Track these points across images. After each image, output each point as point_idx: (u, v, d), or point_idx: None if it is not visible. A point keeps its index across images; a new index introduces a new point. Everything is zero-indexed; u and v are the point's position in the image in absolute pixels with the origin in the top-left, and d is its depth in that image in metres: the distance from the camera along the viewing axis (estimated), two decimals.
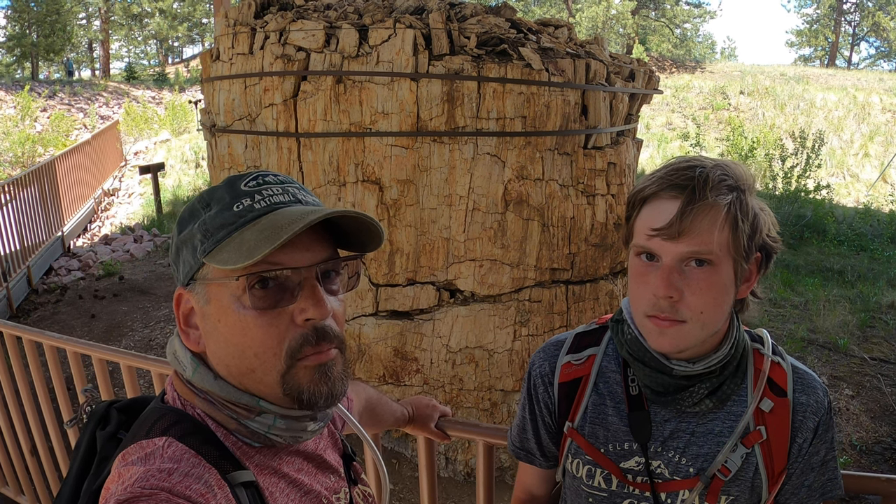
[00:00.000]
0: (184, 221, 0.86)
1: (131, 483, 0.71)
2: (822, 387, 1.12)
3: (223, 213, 0.82)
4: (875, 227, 10.47)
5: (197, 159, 14.23)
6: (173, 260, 0.88)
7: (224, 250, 0.80)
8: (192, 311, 0.86)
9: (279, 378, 0.81)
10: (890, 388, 5.10)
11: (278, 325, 0.80)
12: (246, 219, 0.82)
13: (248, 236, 0.79)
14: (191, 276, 0.84)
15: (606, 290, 3.87)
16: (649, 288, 1.02)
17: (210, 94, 4.16)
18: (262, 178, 0.86)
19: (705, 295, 1.00)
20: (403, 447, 4.03)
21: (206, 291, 0.83)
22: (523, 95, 3.42)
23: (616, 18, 32.36)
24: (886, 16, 36.40)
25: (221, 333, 0.82)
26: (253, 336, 0.80)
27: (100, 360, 2.53)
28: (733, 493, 1.08)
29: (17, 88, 19.85)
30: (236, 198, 0.83)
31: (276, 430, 0.85)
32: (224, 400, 0.84)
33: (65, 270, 8.20)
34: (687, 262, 1.00)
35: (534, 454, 1.28)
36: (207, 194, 0.86)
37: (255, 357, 0.81)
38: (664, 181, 1.02)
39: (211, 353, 0.85)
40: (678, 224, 0.98)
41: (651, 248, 1.02)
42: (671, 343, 1.03)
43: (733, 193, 1.00)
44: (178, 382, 0.88)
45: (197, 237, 0.83)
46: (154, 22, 37.39)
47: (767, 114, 17.96)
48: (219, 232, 0.81)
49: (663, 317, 1.01)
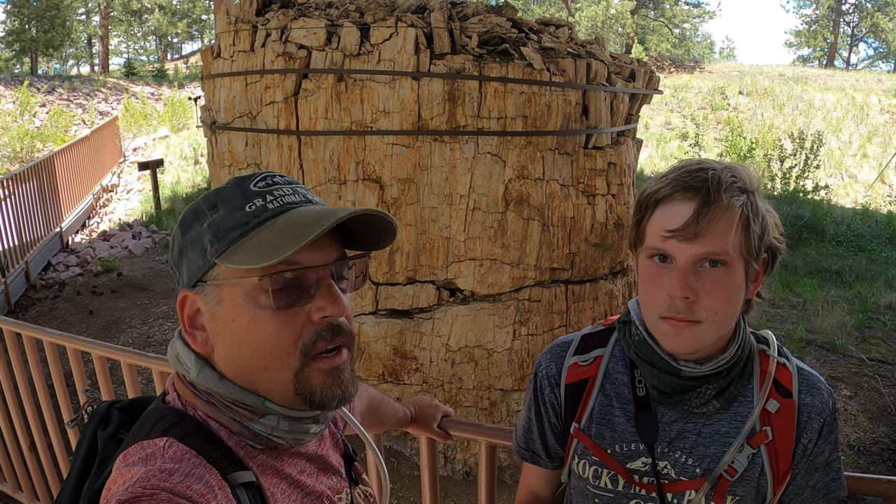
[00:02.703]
0: (187, 223, 0.85)
1: (132, 483, 0.71)
2: (826, 388, 1.12)
3: (235, 213, 0.82)
4: (873, 228, 10.48)
5: (196, 156, 14.21)
6: (174, 262, 0.87)
7: (240, 250, 0.80)
8: (199, 313, 0.85)
9: (292, 376, 0.82)
10: (888, 388, 5.11)
11: (294, 323, 0.81)
12: (260, 219, 0.82)
13: (267, 236, 0.79)
14: (198, 278, 0.83)
15: (606, 289, 3.88)
16: (664, 289, 1.02)
17: (211, 90, 4.15)
18: (270, 179, 0.86)
19: (720, 295, 1.01)
20: (402, 446, 4.03)
21: (218, 292, 0.82)
22: (524, 95, 3.42)
23: (615, 18, 32.36)
24: (885, 17, 36.45)
25: (235, 333, 0.82)
26: (269, 334, 0.80)
27: (100, 358, 2.52)
28: (739, 494, 1.08)
29: (16, 83, 19.80)
30: (247, 198, 0.83)
31: (280, 431, 0.85)
32: (228, 401, 0.84)
33: (63, 266, 8.18)
34: (701, 263, 1.01)
35: (539, 455, 1.28)
36: (213, 196, 0.85)
37: (269, 355, 0.81)
38: (678, 183, 1.02)
39: (220, 353, 0.84)
40: (694, 225, 0.99)
41: (666, 249, 1.02)
42: (686, 344, 1.04)
43: (745, 195, 1.01)
44: (179, 384, 0.88)
45: (206, 238, 0.82)
46: (153, 18, 37.33)
47: (766, 114, 17.98)
48: (232, 232, 0.81)
49: (679, 317, 1.02)
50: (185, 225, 0.85)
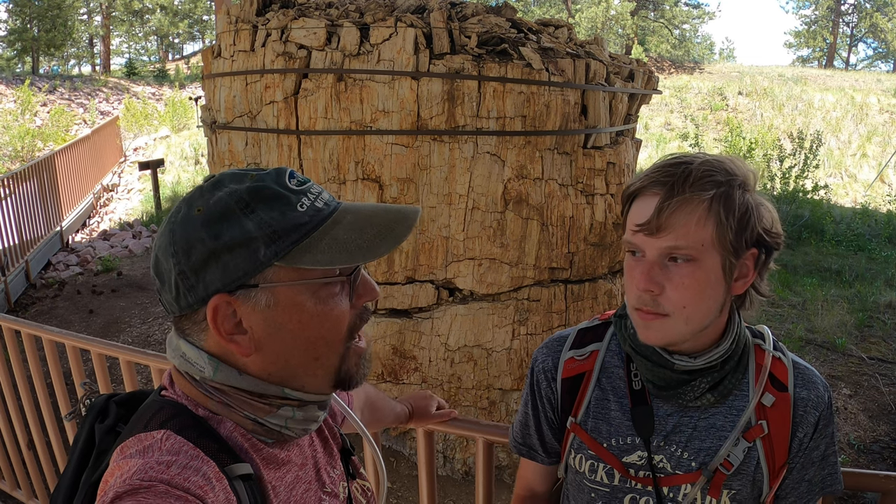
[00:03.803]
0: (216, 225, 0.78)
1: (130, 475, 0.71)
2: (822, 382, 1.13)
3: (289, 213, 0.80)
4: (873, 228, 10.49)
5: (196, 156, 14.22)
6: (195, 269, 0.78)
7: (311, 251, 0.80)
8: (236, 316, 0.81)
9: (338, 361, 0.87)
10: (888, 387, 5.11)
11: (345, 311, 0.86)
12: (318, 218, 0.82)
13: (342, 235, 0.82)
14: (242, 282, 0.79)
15: (605, 289, 3.88)
16: (634, 282, 1.04)
17: (211, 90, 4.16)
18: (298, 176, 0.86)
19: (686, 290, 1.01)
20: (401, 445, 4.03)
21: (275, 294, 0.80)
22: (523, 95, 3.43)
23: (615, 19, 32.37)
24: (884, 17, 36.46)
25: (295, 331, 0.82)
26: (330, 326, 0.84)
27: (99, 355, 2.53)
28: (735, 487, 1.08)
29: (18, 83, 19.83)
30: (294, 196, 0.82)
31: (293, 422, 0.87)
32: (245, 395, 0.84)
33: (63, 265, 8.19)
34: (669, 256, 1.01)
35: (536, 450, 1.29)
36: (246, 193, 0.80)
37: (325, 346, 0.85)
38: (649, 178, 1.04)
39: (268, 352, 0.83)
40: (655, 219, 0.99)
41: (636, 243, 1.04)
42: (656, 336, 1.05)
43: (719, 188, 1.00)
44: (182, 382, 0.86)
45: (259, 240, 0.78)
46: (155, 18, 37.37)
47: (766, 114, 17.99)
48: (294, 233, 0.80)
49: (646, 310, 1.04)
50: (215, 228, 0.78)
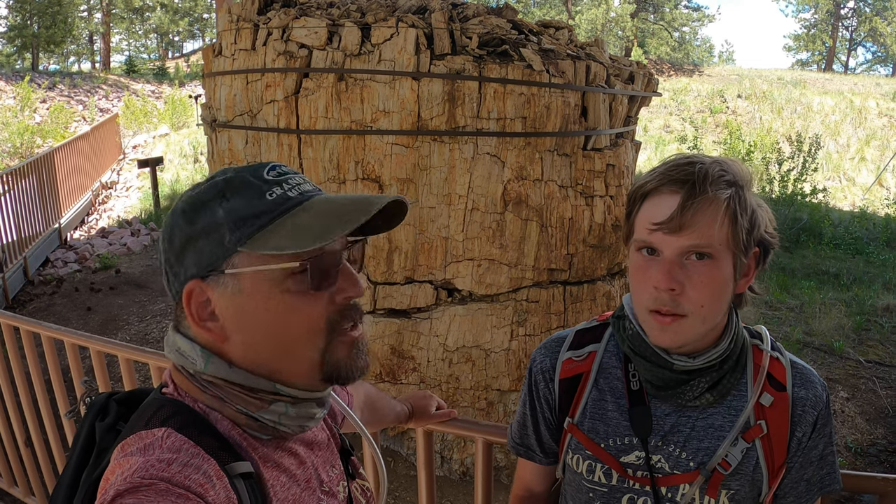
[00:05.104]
0: (192, 213, 0.82)
1: (131, 473, 0.71)
2: (820, 382, 1.13)
3: (255, 201, 0.82)
4: (871, 231, 10.51)
5: (195, 154, 14.20)
6: (175, 255, 0.84)
7: (275, 236, 0.80)
8: (210, 303, 0.83)
9: (319, 355, 0.84)
10: (885, 390, 5.13)
11: (319, 305, 0.83)
12: (285, 206, 0.82)
13: (304, 221, 0.81)
14: (213, 267, 0.82)
15: (604, 291, 3.89)
16: (650, 282, 1.03)
17: (211, 89, 4.16)
18: (280, 169, 0.86)
19: (706, 288, 1.01)
20: (399, 446, 4.04)
21: (239, 280, 0.82)
22: (524, 96, 3.43)
23: (615, 21, 32.42)
24: (883, 21, 36.54)
25: (260, 320, 0.82)
26: (300, 318, 0.83)
27: (98, 353, 2.53)
28: (733, 487, 1.09)
29: (17, 79, 19.78)
30: (265, 186, 0.83)
31: (287, 418, 0.86)
32: (237, 389, 0.84)
33: (61, 262, 8.18)
34: (687, 255, 1.02)
35: (534, 450, 1.29)
36: (221, 184, 0.84)
37: (297, 338, 0.83)
38: (665, 176, 1.04)
39: (238, 341, 0.84)
40: (679, 218, 0.99)
41: (652, 242, 1.04)
42: (672, 339, 1.05)
43: (732, 188, 1.02)
44: (180, 378, 0.87)
45: (224, 226, 0.81)
46: (155, 16, 37.34)
47: (765, 117, 18.01)
48: (257, 219, 0.81)
49: (665, 311, 1.03)
50: (190, 215, 0.82)
